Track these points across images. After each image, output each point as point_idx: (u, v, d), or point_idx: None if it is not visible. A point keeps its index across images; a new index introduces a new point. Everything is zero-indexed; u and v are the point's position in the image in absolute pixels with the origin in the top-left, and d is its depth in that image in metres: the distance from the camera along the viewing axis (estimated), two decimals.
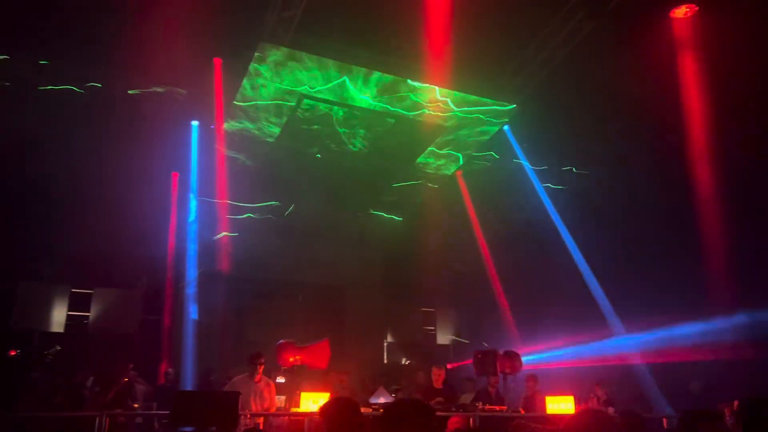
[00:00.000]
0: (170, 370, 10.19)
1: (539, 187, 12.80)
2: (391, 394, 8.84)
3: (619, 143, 11.76)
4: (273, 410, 7.52)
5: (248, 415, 6.88)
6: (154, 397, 9.15)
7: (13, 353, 11.08)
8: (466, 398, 8.66)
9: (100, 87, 10.23)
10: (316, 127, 11.54)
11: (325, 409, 3.63)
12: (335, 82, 10.39)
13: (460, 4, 9.31)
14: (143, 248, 11.52)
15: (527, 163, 12.56)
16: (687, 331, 10.39)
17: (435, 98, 11.05)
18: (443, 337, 15.28)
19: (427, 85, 10.67)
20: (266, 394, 7.45)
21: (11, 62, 9.50)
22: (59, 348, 11.33)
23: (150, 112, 10.69)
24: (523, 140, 12.64)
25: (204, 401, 5.99)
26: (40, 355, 11.08)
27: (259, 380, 7.50)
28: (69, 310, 11.74)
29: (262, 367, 7.52)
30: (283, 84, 10.32)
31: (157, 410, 8.38)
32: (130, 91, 10.35)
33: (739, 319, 10.01)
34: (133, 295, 12.18)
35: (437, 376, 8.53)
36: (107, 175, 10.81)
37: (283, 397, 8.21)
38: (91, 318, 11.87)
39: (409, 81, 10.57)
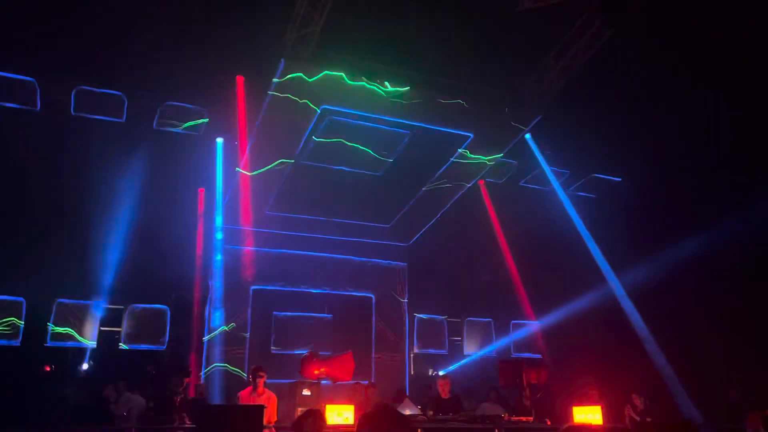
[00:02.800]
0: (202, 383, 10.33)
1: (562, 194, 12.68)
2: (417, 406, 8.84)
3: (643, 148, 11.65)
4: (273, 422, 7.62)
5: (273, 430, 6.96)
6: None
7: (48, 369, 11.37)
8: (490, 409, 8.55)
9: (126, 107, 10.47)
10: (338, 140, 11.62)
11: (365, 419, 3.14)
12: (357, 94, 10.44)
13: (478, 14, 9.37)
14: (172, 263, 11.75)
15: (549, 171, 12.45)
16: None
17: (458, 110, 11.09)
18: (470, 348, 15.19)
19: (449, 100, 10.69)
20: (267, 407, 7.56)
21: (38, 85, 9.76)
22: (91, 362, 11.60)
23: (176, 129, 10.93)
24: (545, 148, 12.57)
25: (230, 415, 6.07)
26: (72, 369, 11.36)
27: (262, 393, 7.65)
28: (101, 326, 11.98)
29: (263, 380, 7.67)
30: (307, 99, 10.43)
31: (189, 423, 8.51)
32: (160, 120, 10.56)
33: None
34: (162, 310, 12.39)
35: (443, 387, 8.52)
36: (136, 193, 11.07)
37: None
38: (122, 333, 12.11)
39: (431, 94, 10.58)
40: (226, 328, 12.08)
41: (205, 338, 11.96)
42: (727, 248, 10.76)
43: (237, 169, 11.16)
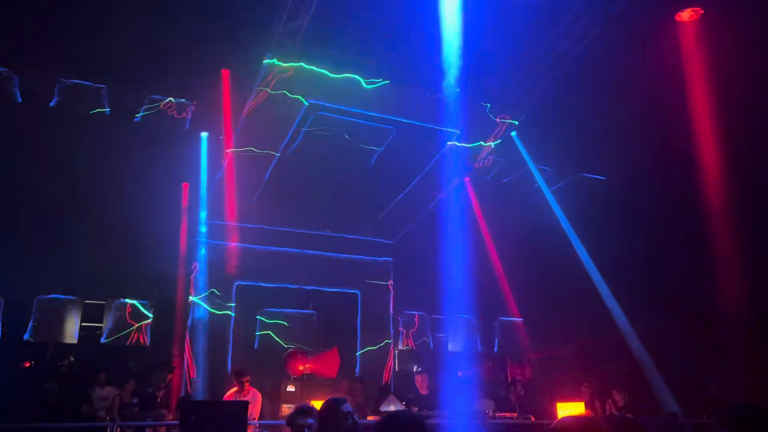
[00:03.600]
0: (195, 378, 10.29)
1: (547, 192, 12.74)
2: (402, 402, 8.85)
3: (630, 147, 11.72)
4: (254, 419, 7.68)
5: (257, 425, 6.95)
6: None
7: (27, 365, 11.23)
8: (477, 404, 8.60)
9: (109, 100, 10.33)
10: (324, 137, 11.56)
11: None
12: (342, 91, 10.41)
13: (466, 11, 9.37)
14: (155, 258, 11.64)
15: (535, 169, 12.50)
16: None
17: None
18: (454, 344, 15.22)
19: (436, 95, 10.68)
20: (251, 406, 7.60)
21: (18, 78, 9.59)
22: (72, 359, 11.48)
23: (160, 124, 10.83)
24: (531, 146, 12.61)
25: (213, 411, 6.03)
26: (53, 366, 11.22)
27: (247, 393, 7.69)
28: (82, 322, 11.84)
29: (247, 383, 7.75)
30: (293, 94, 10.37)
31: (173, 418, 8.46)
32: (143, 110, 10.43)
33: None
34: (144, 306, 12.25)
35: (420, 383, 8.54)
36: (119, 187, 10.94)
37: (293, 406, 8.25)
38: (103, 329, 11.97)
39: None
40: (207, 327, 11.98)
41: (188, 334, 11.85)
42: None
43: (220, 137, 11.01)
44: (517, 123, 11.78)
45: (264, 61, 9.66)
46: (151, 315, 12.02)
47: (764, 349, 9.23)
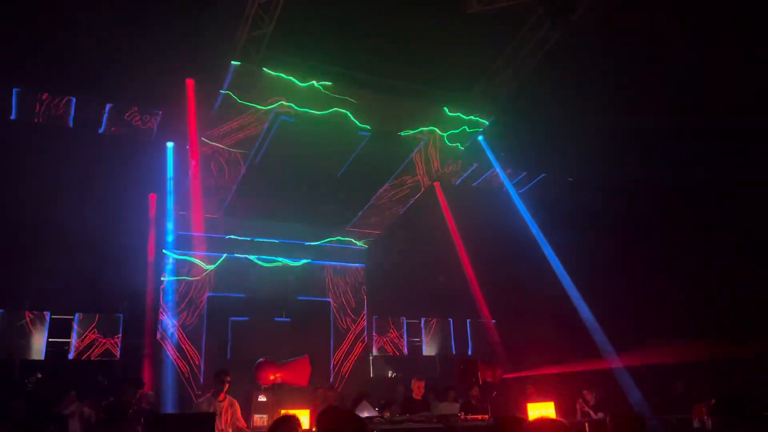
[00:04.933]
0: (150, 392, 10.11)
1: (515, 195, 12.90)
2: (375, 408, 8.84)
3: (598, 149, 11.92)
4: (244, 427, 7.55)
5: None
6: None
7: None
8: (447, 408, 8.63)
9: (74, 111, 10.18)
10: (291, 142, 11.54)
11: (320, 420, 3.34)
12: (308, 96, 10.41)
13: (430, 16, 9.46)
14: (123, 271, 11.46)
15: (502, 173, 12.65)
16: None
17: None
18: (429, 349, 15.28)
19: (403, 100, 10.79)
20: (230, 413, 7.49)
21: None
22: (40, 376, 11.23)
23: (125, 134, 10.71)
24: (499, 149, 12.75)
25: (180, 424, 5.97)
26: (20, 384, 10.96)
27: (223, 399, 7.55)
28: (49, 337, 11.61)
29: (227, 385, 7.54)
30: (259, 100, 10.35)
31: None
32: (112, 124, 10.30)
33: None
34: (113, 320, 12.07)
35: (417, 388, 8.55)
36: (84, 199, 10.77)
37: (265, 416, 8.19)
38: (72, 344, 11.75)
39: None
40: (176, 339, 11.84)
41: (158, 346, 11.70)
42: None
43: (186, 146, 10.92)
44: (487, 123, 11.88)
45: (228, 70, 9.63)
46: (120, 328, 11.84)
47: None
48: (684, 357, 10.10)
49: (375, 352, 14.77)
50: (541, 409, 8.00)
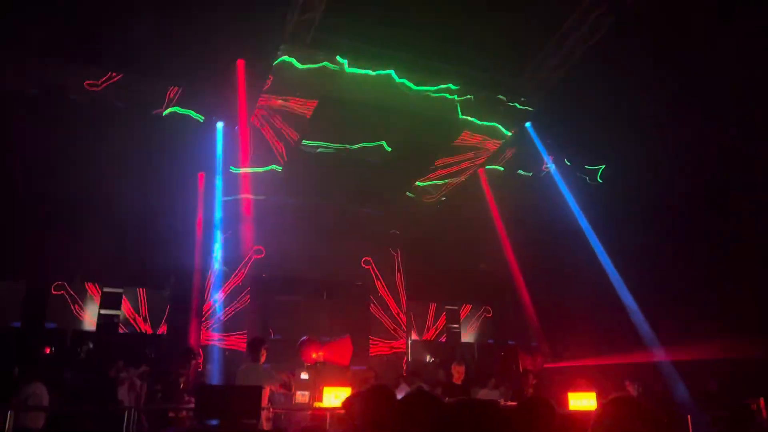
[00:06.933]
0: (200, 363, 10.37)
1: (562, 184, 12.70)
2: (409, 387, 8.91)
3: (647, 139, 11.63)
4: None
5: (270, 410, 7.00)
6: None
7: (47, 351, 11.42)
8: (487, 395, 8.64)
9: (128, 92, 10.44)
10: (341, 123, 11.65)
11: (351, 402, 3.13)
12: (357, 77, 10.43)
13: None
14: (171, 248, 11.75)
15: (550, 160, 12.47)
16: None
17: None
18: (468, 336, 15.26)
19: (449, 85, 10.74)
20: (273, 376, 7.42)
21: (37, 70, 9.71)
22: (91, 345, 11.66)
23: (176, 114, 10.94)
24: (546, 137, 12.58)
25: (228, 395, 6.13)
26: (72, 352, 11.41)
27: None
28: (100, 309, 12.05)
29: (265, 354, 7.34)
30: (307, 83, 10.44)
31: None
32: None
33: None
34: (161, 294, 12.43)
35: (458, 373, 8.54)
36: (136, 176, 11.06)
37: (306, 393, 8.32)
38: (121, 316, 12.17)
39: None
40: (222, 315, 12.14)
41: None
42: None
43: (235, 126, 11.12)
44: (534, 110, 11.73)
45: (278, 53, 9.74)
46: (168, 304, 12.19)
47: None
48: (729, 353, 9.84)
49: (414, 336, 14.85)
50: (582, 399, 7.91)
